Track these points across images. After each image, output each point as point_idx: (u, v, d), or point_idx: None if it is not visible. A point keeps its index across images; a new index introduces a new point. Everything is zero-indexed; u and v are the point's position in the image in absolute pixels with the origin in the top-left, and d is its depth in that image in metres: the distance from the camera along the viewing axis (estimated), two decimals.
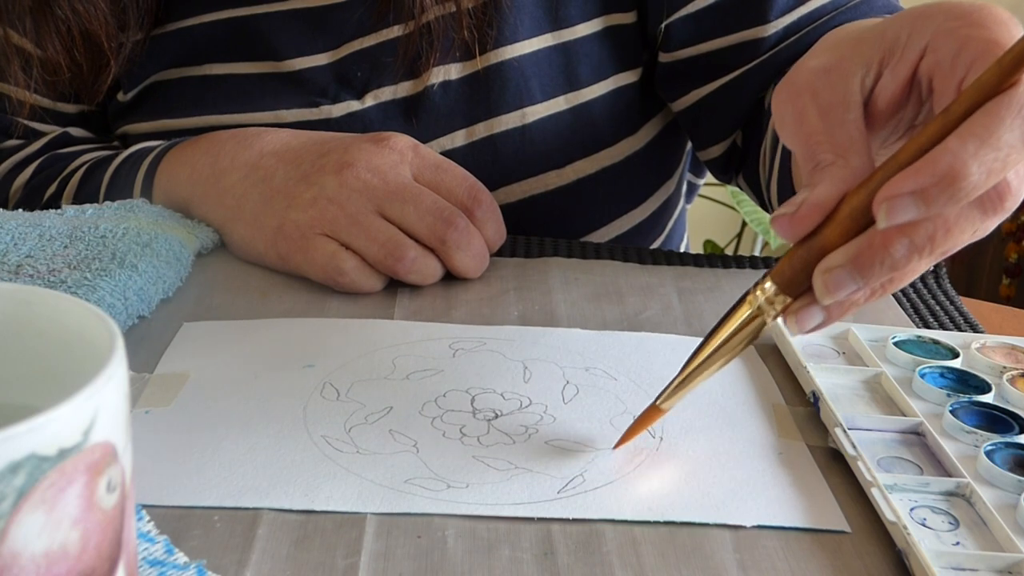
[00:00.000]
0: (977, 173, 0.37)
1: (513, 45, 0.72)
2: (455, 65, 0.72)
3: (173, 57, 0.74)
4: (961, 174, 0.37)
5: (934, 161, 0.38)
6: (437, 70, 0.72)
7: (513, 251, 0.70)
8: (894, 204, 0.38)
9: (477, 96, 0.73)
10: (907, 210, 0.38)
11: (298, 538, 0.41)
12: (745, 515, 0.43)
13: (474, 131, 0.73)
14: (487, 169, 0.66)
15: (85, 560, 0.26)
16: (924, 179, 0.37)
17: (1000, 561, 0.40)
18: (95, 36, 0.70)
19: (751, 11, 0.70)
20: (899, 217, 0.38)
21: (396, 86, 0.72)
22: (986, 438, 0.48)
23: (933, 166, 0.38)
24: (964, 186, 0.37)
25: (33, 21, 0.70)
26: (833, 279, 0.40)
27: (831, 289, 0.40)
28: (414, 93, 0.72)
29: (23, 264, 0.58)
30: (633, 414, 0.50)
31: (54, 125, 0.79)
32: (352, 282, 0.61)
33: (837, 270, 0.40)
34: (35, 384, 0.32)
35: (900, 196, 0.38)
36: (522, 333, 0.58)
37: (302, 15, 0.72)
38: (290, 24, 0.72)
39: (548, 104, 0.73)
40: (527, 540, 0.41)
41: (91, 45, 0.70)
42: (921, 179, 0.38)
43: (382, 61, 0.71)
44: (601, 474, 0.45)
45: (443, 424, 0.48)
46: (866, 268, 0.39)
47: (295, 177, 0.63)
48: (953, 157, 0.37)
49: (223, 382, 0.51)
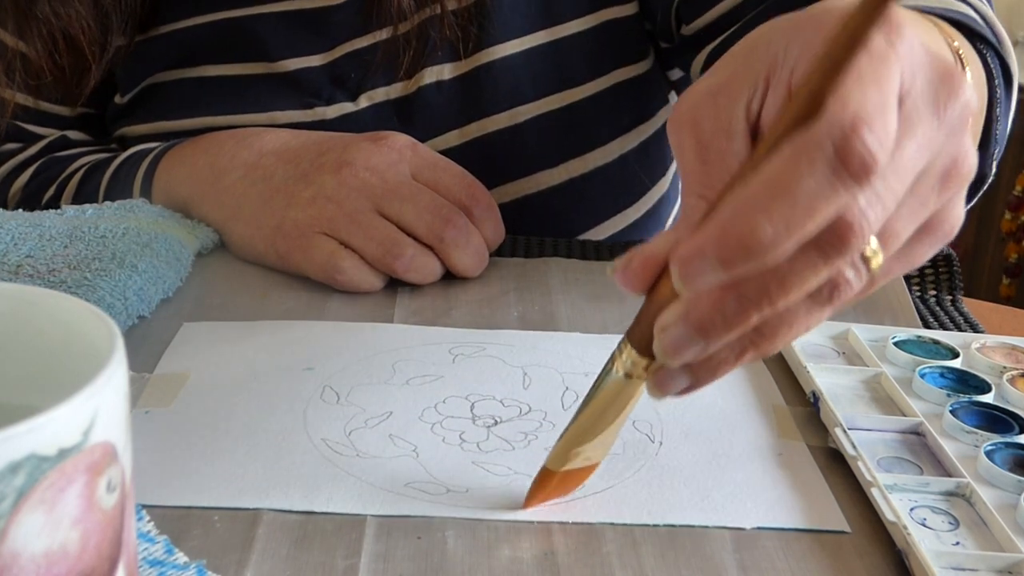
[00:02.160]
0: (770, 229, 0.31)
1: (504, 44, 0.72)
2: (448, 65, 0.72)
3: (169, 59, 0.74)
4: (747, 231, 0.31)
5: (719, 219, 0.32)
6: (430, 70, 0.72)
7: (513, 251, 0.70)
8: (687, 268, 0.32)
9: (469, 96, 0.73)
10: (703, 275, 0.32)
11: (298, 538, 0.41)
12: (745, 517, 0.43)
13: (467, 131, 0.73)
14: (480, 169, 0.66)
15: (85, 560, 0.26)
16: (710, 238, 0.32)
17: (1000, 561, 0.40)
18: (76, 40, 0.70)
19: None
20: (697, 282, 0.33)
21: (389, 87, 0.73)
22: (986, 438, 0.48)
23: (717, 225, 0.32)
24: (756, 245, 0.31)
25: (15, 24, 0.70)
26: (669, 339, 0.35)
27: (669, 350, 0.35)
28: (407, 94, 0.73)
29: (23, 264, 0.58)
30: (632, 419, 0.50)
31: (52, 128, 0.79)
32: (351, 280, 0.61)
33: (672, 329, 0.35)
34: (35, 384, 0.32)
35: (691, 260, 0.32)
36: (522, 338, 0.58)
37: (295, 16, 0.72)
38: (283, 25, 0.72)
39: (541, 103, 0.73)
40: (527, 540, 0.41)
41: (73, 48, 0.70)
42: (707, 238, 0.32)
43: (375, 62, 0.71)
44: (600, 479, 0.45)
45: (443, 430, 0.48)
46: (702, 326, 0.34)
47: (294, 176, 0.63)
48: (736, 212, 0.32)
49: (223, 383, 0.51)
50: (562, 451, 0.42)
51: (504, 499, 0.43)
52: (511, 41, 0.72)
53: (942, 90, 0.34)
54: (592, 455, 0.42)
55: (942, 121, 0.34)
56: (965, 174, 0.35)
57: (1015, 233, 2.07)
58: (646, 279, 0.37)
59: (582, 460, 0.42)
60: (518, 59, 0.72)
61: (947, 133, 0.34)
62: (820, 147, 0.31)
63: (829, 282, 0.34)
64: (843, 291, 0.34)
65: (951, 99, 0.34)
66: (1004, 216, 2.08)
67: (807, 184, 0.31)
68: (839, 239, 0.32)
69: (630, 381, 0.39)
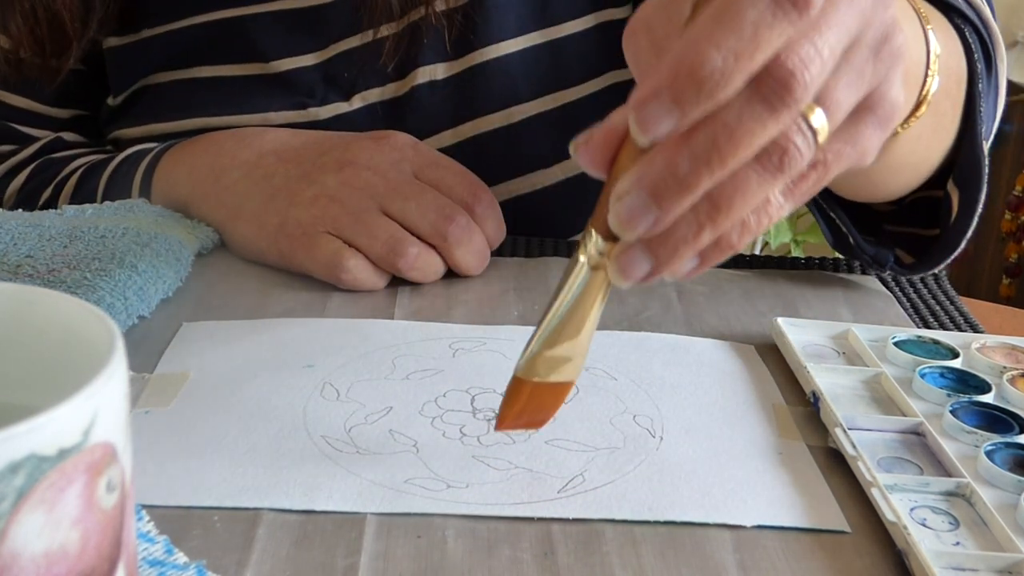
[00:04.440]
0: (719, 59, 0.33)
1: (499, 44, 0.72)
2: (441, 65, 0.72)
3: (161, 60, 0.74)
4: (698, 63, 0.33)
5: (669, 58, 0.33)
6: (423, 70, 0.72)
7: (513, 251, 0.70)
8: (643, 113, 0.34)
9: (463, 96, 0.72)
10: (659, 118, 0.33)
11: (298, 538, 0.41)
12: (745, 515, 0.43)
13: (461, 131, 0.73)
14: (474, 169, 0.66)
15: (85, 560, 0.26)
16: (663, 77, 0.33)
17: (1000, 561, 0.40)
18: (58, 15, 0.69)
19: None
20: (654, 127, 0.34)
21: (383, 87, 0.72)
22: (986, 438, 0.48)
23: (669, 64, 0.33)
24: (708, 76, 0.33)
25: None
26: (625, 208, 0.35)
27: (624, 220, 0.36)
28: (401, 94, 0.72)
29: (23, 264, 0.58)
30: (633, 414, 0.50)
31: (46, 130, 0.79)
32: (355, 279, 0.61)
33: (626, 197, 0.35)
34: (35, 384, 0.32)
35: (646, 103, 0.34)
36: (522, 333, 0.57)
37: (288, 16, 0.72)
38: (276, 25, 0.72)
39: (536, 103, 0.73)
40: (527, 540, 0.41)
41: (54, 25, 0.70)
42: (660, 77, 0.33)
43: (368, 62, 0.71)
44: (601, 473, 0.45)
45: (443, 424, 0.48)
46: (656, 190, 0.35)
47: (296, 175, 0.64)
48: (686, 45, 0.33)
49: (223, 382, 0.51)
50: (531, 355, 0.41)
51: (504, 494, 0.43)
52: (506, 41, 0.72)
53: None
54: (563, 369, 0.42)
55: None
56: (896, 48, 0.37)
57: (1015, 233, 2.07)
58: (606, 154, 0.37)
59: (554, 372, 0.42)
60: (513, 59, 0.72)
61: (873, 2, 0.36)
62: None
63: (777, 147, 0.35)
64: (792, 157, 0.35)
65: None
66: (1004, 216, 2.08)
67: (750, 14, 0.33)
68: (782, 86, 0.34)
69: (596, 274, 0.39)
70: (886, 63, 0.37)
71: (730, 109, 0.34)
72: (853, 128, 0.38)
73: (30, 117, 0.78)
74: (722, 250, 0.38)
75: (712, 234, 0.37)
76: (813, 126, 0.36)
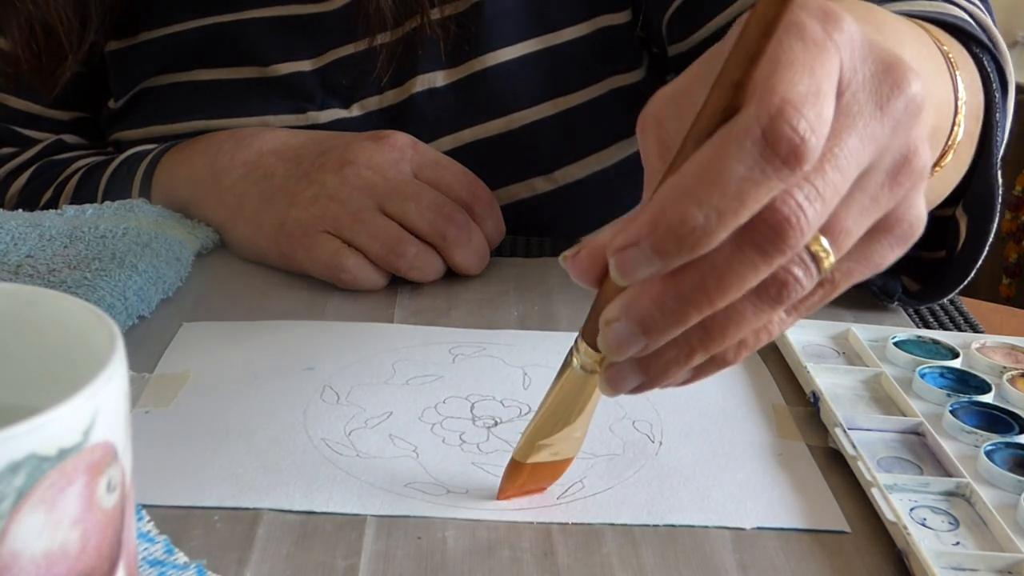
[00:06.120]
0: (700, 217, 0.31)
1: (497, 52, 0.72)
2: (440, 73, 0.72)
3: (162, 63, 0.74)
4: (677, 220, 0.31)
5: (650, 208, 0.32)
6: (422, 78, 0.72)
7: (513, 251, 0.70)
8: (623, 259, 0.32)
9: (463, 103, 0.72)
10: (639, 265, 0.32)
11: (298, 538, 0.41)
12: (745, 517, 0.43)
13: (460, 137, 0.73)
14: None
15: (85, 560, 0.26)
16: (642, 227, 0.32)
17: (1000, 561, 0.40)
18: (54, 29, 0.69)
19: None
20: (633, 272, 0.32)
21: (382, 95, 0.73)
22: (986, 438, 0.48)
23: (649, 215, 0.32)
24: (689, 233, 0.31)
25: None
26: (612, 334, 0.34)
27: (612, 346, 0.34)
28: (399, 101, 0.73)
29: (23, 264, 0.58)
30: (633, 419, 0.50)
31: (47, 132, 0.79)
32: (354, 279, 0.61)
33: (615, 324, 0.34)
34: (35, 384, 0.32)
35: (626, 249, 0.32)
36: (522, 338, 0.58)
37: (285, 22, 0.72)
38: (274, 30, 0.72)
39: (535, 109, 0.73)
40: (527, 541, 0.41)
41: (50, 37, 0.70)
42: (640, 227, 0.32)
43: (366, 69, 0.71)
44: (600, 479, 0.45)
45: (443, 430, 0.48)
46: (644, 323, 0.33)
47: (296, 175, 0.64)
48: (667, 197, 0.31)
49: (223, 382, 0.51)
50: (527, 443, 0.42)
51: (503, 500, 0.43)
52: (504, 48, 0.72)
53: (885, 82, 0.33)
54: (561, 450, 0.42)
55: (886, 114, 0.33)
56: (918, 169, 0.34)
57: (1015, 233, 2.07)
58: (594, 271, 0.36)
59: (550, 454, 0.42)
60: (512, 66, 0.72)
61: (892, 127, 0.33)
62: (748, 131, 0.31)
63: (776, 280, 0.33)
64: (792, 289, 0.33)
65: (895, 91, 0.33)
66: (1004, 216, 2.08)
67: (736, 169, 0.31)
68: (775, 233, 0.32)
69: (589, 376, 0.39)
70: (905, 186, 0.34)
71: (719, 253, 0.32)
72: (866, 248, 0.35)
73: (31, 119, 0.78)
74: (718, 366, 0.36)
75: (705, 356, 0.35)
76: (819, 260, 0.33)
